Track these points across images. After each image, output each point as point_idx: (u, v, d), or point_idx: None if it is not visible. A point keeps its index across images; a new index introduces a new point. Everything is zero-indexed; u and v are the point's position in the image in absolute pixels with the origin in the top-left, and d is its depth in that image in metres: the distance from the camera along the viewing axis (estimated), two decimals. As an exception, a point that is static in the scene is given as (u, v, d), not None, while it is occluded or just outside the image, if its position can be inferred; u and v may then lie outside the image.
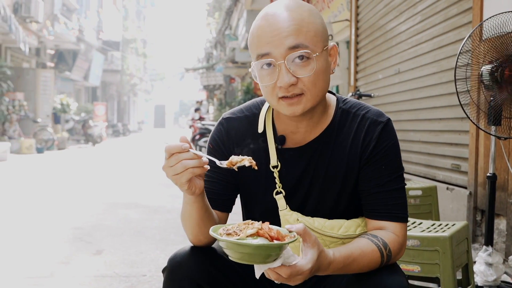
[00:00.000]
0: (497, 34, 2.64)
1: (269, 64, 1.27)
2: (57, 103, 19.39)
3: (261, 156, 1.41)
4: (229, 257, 1.11)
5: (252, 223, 1.13)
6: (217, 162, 1.23)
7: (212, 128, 1.52)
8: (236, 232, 1.11)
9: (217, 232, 1.13)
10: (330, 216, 1.39)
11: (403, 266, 2.22)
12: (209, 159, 1.23)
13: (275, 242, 1.08)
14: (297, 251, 1.32)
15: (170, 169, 1.18)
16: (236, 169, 1.23)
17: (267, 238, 1.08)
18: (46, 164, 12.23)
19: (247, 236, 1.08)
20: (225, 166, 1.22)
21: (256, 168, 1.21)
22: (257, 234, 1.09)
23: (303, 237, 1.11)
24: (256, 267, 1.13)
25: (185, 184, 1.20)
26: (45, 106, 18.43)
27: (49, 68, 20.02)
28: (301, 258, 1.11)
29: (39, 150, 15.52)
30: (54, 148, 17.06)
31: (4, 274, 3.44)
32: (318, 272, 1.15)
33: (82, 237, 4.56)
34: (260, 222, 1.14)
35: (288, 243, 1.08)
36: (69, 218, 5.42)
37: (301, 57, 1.25)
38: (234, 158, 1.22)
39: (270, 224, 1.28)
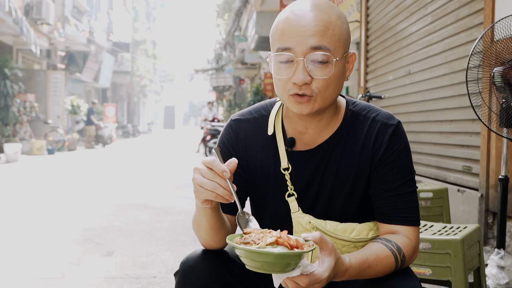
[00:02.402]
0: (509, 36, 2.62)
1: (288, 59, 1.26)
2: (67, 104, 19.53)
3: (270, 158, 1.41)
4: (247, 266, 1.09)
5: (269, 232, 1.12)
6: (242, 229, 1.22)
7: (222, 129, 1.51)
8: (254, 241, 1.09)
9: (233, 240, 1.11)
10: (341, 219, 1.38)
11: (414, 269, 2.21)
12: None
13: (296, 250, 1.06)
14: (308, 258, 1.32)
15: (200, 178, 1.17)
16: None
17: (286, 246, 1.07)
18: (57, 165, 12.30)
19: (266, 245, 1.07)
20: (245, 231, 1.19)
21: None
22: (276, 243, 1.07)
23: (320, 245, 1.10)
24: (274, 276, 1.12)
25: (201, 199, 1.21)
26: (55, 107, 18.56)
27: (59, 69, 20.15)
28: (318, 266, 1.10)
29: (50, 151, 15.62)
30: (65, 149, 17.17)
31: (15, 275, 3.47)
32: (335, 278, 1.15)
33: (92, 238, 4.58)
34: (279, 230, 1.13)
35: (308, 252, 1.07)
36: (79, 219, 5.45)
37: (321, 59, 1.24)
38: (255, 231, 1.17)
39: (281, 226, 1.28)
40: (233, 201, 1.19)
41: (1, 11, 12.01)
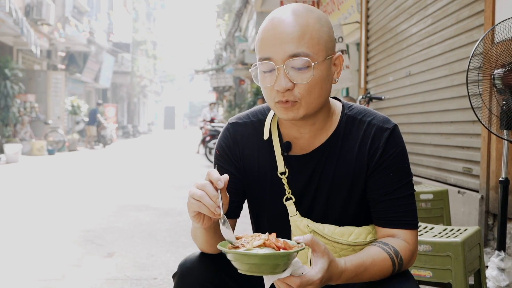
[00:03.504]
0: (510, 38, 2.62)
1: (269, 68, 1.28)
2: (68, 104, 19.53)
3: (267, 162, 1.41)
4: (238, 270, 1.11)
5: (259, 235, 1.14)
6: (233, 240, 1.18)
7: (222, 130, 1.52)
8: (243, 245, 1.11)
9: (225, 246, 1.13)
10: (339, 223, 1.38)
11: (414, 272, 2.21)
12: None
13: (282, 251, 1.08)
14: (305, 262, 1.32)
15: (193, 189, 1.18)
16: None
17: (273, 248, 1.08)
18: (57, 165, 12.31)
19: (253, 247, 1.09)
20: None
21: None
22: (264, 245, 1.09)
23: (312, 247, 1.11)
24: (265, 278, 1.13)
25: (192, 212, 1.20)
26: (56, 108, 18.57)
27: (60, 70, 20.15)
28: (311, 268, 1.11)
29: (50, 152, 15.63)
30: (65, 150, 17.18)
31: (16, 276, 3.47)
32: (329, 281, 1.15)
33: (93, 239, 4.58)
34: (267, 233, 1.14)
35: (294, 252, 1.08)
36: (80, 220, 5.45)
37: (300, 65, 1.25)
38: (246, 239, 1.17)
39: (279, 230, 1.28)
40: (218, 217, 1.17)
41: (2, 12, 12.01)
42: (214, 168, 1.46)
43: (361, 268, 1.21)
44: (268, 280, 1.13)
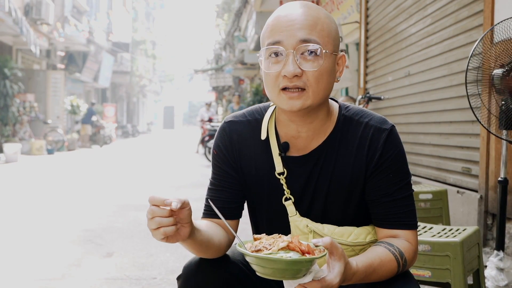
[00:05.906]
0: (509, 38, 2.63)
1: (277, 53, 1.27)
2: (67, 104, 19.51)
3: (265, 162, 1.40)
4: (258, 273, 1.09)
5: (279, 236, 1.12)
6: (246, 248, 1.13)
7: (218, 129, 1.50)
8: (266, 247, 1.08)
9: (244, 247, 1.11)
10: (339, 223, 1.38)
11: (414, 271, 2.21)
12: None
13: (308, 256, 1.06)
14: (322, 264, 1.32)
15: (148, 221, 1.13)
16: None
17: (298, 252, 1.07)
18: (57, 165, 12.30)
19: (278, 250, 1.07)
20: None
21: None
22: (287, 248, 1.07)
23: (330, 251, 1.10)
24: (285, 283, 1.11)
25: (162, 240, 1.14)
26: (55, 107, 18.56)
27: (59, 69, 20.13)
28: (329, 272, 1.10)
29: (50, 151, 15.62)
30: (64, 149, 17.17)
31: (15, 276, 3.47)
32: (343, 283, 1.15)
33: (92, 239, 4.58)
34: (290, 235, 1.12)
35: (319, 257, 1.07)
36: (79, 220, 5.45)
37: (310, 51, 1.25)
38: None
39: (278, 230, 1.27)
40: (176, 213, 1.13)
41: (1, 11, 12.00)
42: (212, 167, 1.47)
43: (371, 269, 1.21)
44: (289, 285, 1.11)
